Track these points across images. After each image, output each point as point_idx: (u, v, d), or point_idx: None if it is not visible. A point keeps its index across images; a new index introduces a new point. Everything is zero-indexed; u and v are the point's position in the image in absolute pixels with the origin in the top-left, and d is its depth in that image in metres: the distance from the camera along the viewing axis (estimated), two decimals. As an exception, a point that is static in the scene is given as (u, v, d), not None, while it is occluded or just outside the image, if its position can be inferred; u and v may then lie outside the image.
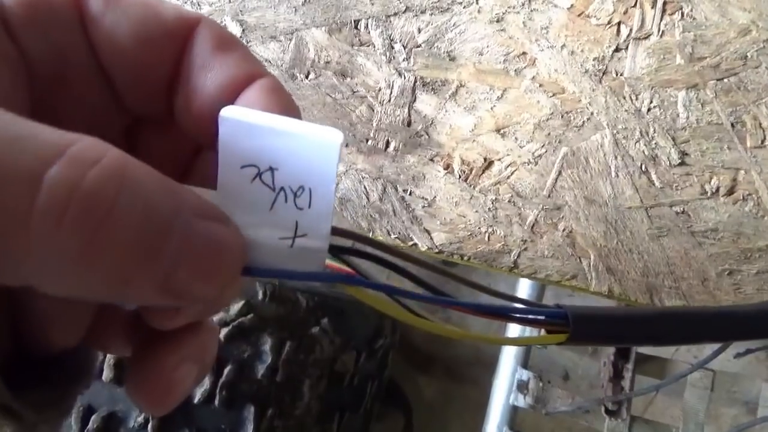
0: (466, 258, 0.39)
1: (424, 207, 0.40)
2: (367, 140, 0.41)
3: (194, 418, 0.79)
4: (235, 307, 0.86)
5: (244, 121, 0.17)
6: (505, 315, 0.24)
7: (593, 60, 0.40)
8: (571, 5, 0.41)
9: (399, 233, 0.40)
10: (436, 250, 0.39)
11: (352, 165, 0.41)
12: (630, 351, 0.91)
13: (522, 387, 0.93)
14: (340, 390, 0.95)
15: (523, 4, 0.41)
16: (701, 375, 0.84)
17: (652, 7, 0.40)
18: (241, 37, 0.43)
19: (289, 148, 0.17)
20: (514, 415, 0.90)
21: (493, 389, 0.92)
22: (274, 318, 0.88)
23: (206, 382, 0.80)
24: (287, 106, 0.19)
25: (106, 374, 0.78)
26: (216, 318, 0.82)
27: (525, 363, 0.96)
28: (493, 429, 0.91)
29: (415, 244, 0.40)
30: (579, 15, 0.41)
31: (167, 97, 0.20)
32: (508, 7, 0.41)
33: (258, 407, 0.82)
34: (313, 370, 0.90)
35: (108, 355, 0.78)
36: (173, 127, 0.21)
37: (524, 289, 0.94)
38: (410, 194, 0.40)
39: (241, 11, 0.43)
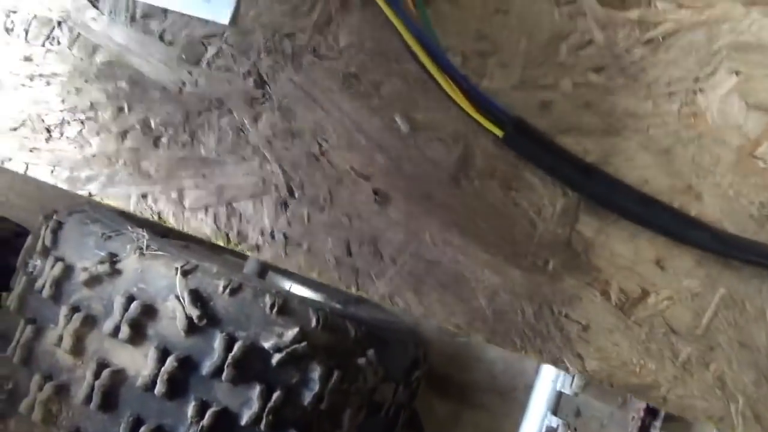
0: (615, 387, 0.40)
1: (578, 331, 0.41)
2: (526, 256, 0.42)
3: (241, 440, 0.80)
4: (289, 333, 0.86)
5: None
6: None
7: (758, 204, 0.41)
8: (741, 145, 0.41)
9: (551, 354, 0.40)
10: (589, 376, 0.40)
11: (510, 279, 0.42)
12: (659, 409, 0.93)
13: (550, 433, 0.95)
14: (377, 420, 0.96)
15: (693, 139, 0.41)
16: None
17: (817, 154, 0.40)
18: (408, 134, 0.43)
19: None
20: (541, 460, 0.92)
21: (521, 433, 0.94)
22: (324, 346, 0.89)
23: (255, 405, 0.81)
24: None
25: (159, 388, 0.78)
26: (270, 343, 0.82)
27: (555, 409, 0.98)
28: (521, 473, 0.93)
29: (567, 368, 0.40)
30: (748, 155, 0.41)
31: None
32: (678, 139, 0.41)
33: (299, 433, 0.83)
34: (355, 399, 0.91)
35: (162, 369, 0.78)
36: None
37: (549, 373, 0.96)
38: (565, 316, 0.41)
39: (412, 107, 0.43)
